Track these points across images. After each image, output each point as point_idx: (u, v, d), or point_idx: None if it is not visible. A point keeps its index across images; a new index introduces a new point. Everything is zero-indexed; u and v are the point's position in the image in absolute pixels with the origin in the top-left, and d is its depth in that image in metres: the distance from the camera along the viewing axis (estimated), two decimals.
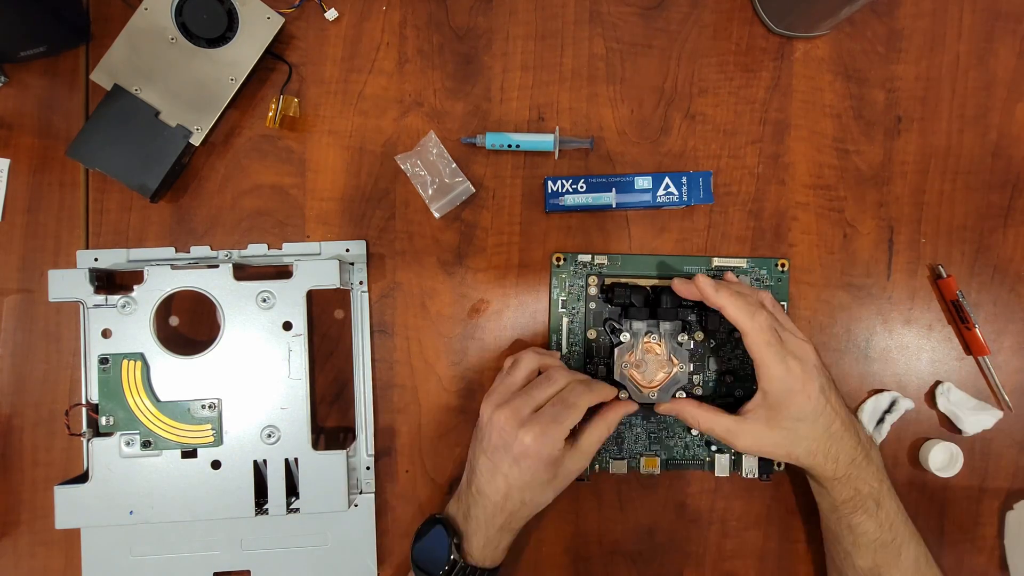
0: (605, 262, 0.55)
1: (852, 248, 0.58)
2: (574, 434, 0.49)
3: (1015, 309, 0.58)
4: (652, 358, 0.53)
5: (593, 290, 0.55)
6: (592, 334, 0.55)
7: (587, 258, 0.55)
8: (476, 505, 0.49)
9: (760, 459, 0.56)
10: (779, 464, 0.56)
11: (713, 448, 0.56)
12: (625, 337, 0.52)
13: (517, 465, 0.47)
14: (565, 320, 0.55)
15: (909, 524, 0.51)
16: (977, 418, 0.56)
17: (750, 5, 0.57)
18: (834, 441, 0.49)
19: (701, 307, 0.55)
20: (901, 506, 0.51)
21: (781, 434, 0.49)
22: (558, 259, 0.55)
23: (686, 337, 0.53)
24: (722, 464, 0.56)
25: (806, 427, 0.49)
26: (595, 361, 0.56)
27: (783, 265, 0.56)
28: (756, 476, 0.56)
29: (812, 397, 0.48)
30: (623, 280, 0.55)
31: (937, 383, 0.58)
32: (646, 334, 0.53)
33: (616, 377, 0.52)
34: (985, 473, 0.58)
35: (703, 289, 0.49)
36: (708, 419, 0.50)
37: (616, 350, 0.53)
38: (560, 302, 0.55)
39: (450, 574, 0.48)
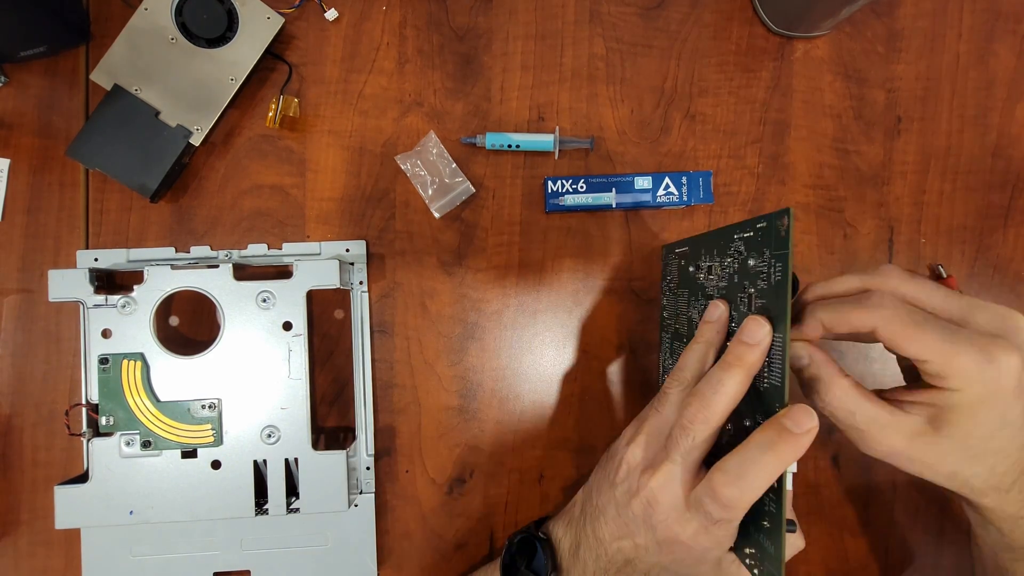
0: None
1: (852, 248, 0.58)
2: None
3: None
4: None
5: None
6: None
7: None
8: (588, 548, 0.39)
9: None
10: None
11: None
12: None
13: (655, 540, 0.35)
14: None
15: None
16: None
17: (750, 5, 0.57)
18: None
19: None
20: None
21: (952, 445, 0.33)
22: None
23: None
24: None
25: (1002, 440, 0.33)
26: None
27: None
28: None
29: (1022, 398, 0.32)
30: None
31: None
32: None
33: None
34: None
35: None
36: (851, 399, 0.34)
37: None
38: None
39: None
